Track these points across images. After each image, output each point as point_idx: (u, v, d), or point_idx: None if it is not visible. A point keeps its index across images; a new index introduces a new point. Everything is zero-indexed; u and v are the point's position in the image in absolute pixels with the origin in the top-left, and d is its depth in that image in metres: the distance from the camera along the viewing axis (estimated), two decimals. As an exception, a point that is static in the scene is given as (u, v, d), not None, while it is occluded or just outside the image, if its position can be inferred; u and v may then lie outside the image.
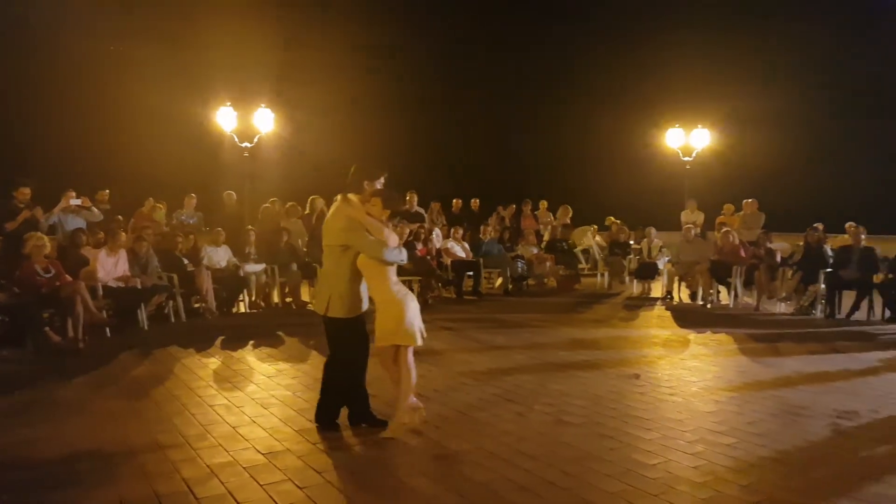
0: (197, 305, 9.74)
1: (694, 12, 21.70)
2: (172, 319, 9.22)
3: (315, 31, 20.08)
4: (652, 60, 21.91)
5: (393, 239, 4.53)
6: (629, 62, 22.47)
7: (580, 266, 14.00)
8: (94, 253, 8.59)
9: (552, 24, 24.47)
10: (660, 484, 3.78)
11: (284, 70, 18.36)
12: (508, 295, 12.16)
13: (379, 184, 4.68)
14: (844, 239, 10.82)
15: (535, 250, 13.46)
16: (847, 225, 10.53)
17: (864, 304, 9.73)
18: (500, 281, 12.85)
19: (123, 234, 9.07)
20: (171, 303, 9.23)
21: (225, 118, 14.19)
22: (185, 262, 9.65)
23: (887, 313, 9.58)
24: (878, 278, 9.88)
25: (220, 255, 10.09)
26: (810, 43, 20.73)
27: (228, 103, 14.21)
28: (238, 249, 10.43)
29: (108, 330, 8.14)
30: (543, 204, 16.01)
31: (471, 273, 11.99)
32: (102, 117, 17.28)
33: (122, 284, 8.48)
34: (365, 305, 4.77)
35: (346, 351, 4.72)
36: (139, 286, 8.60)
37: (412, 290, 11.59)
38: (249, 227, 11.09)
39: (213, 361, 6.87)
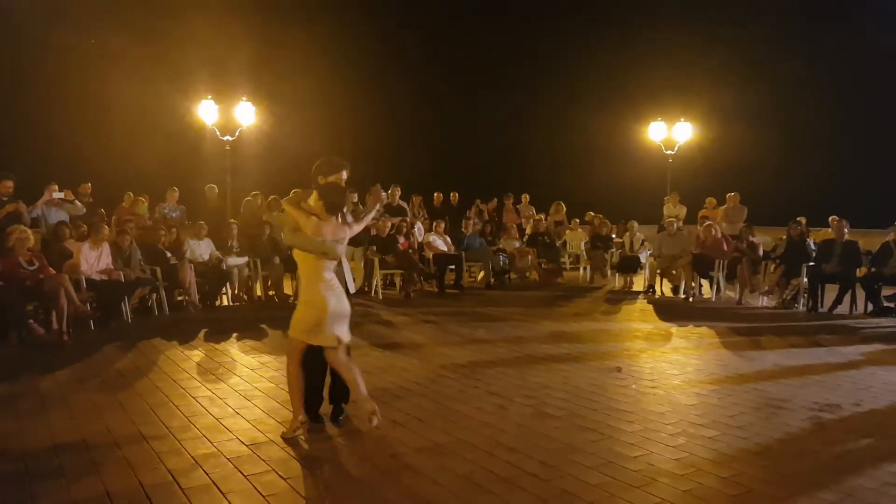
0: (180, 298, 9.68)
1: (675, 6, 21.80)
2: (156, 312, 9.17)
3: (296, 24, 19.95)
4: (634, 54, 22.02)
5: (327, 230, 4.32)
6: (612, 56, 22.56)
7: (562, 260, 14.05)
8: (78, 246, 8.52)
9: (534, 19, 24.49)
10: (641, 476, 3.82)
11: (266, 64, 18.27)
12: (490, 289, 12.19)
13: (335, 178, 4.53)
14: (827, 232, 10.98)
15: (517, 244, 13.50)
16: (830, 218, 10.67)
17: (847, 298, 9.86)
18: (481, 275, 12.88)
19: (106, 227, 9.00)
20: (154, 296, 9.17)
21: (206, 111, 14.10)
22: (168, 255, 9.59)
23: (869, 307, 9.72)
24: (860, 272, 10.01)
25: (202, 249, 10.04)
26: (792, 37, 20.92)
27: (210, 97, 14.12)
28: (220, 243, 10.38)
29: (91, 323, 8.07)
30: (525, 198, 16.06)
31: (452, 267, 12.01)
32: (84, 110, 17.10)
33: (105, 277, 8.40)
34: (352, 288, 4.75)
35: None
36: (122, 279, 8.53)
37: (394, 283, 11.66)
38: (232, 220, 11.03)
39: (197, 354, 6.83)
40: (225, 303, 10.22)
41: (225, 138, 14.33)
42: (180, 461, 3.99)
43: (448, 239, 12.42)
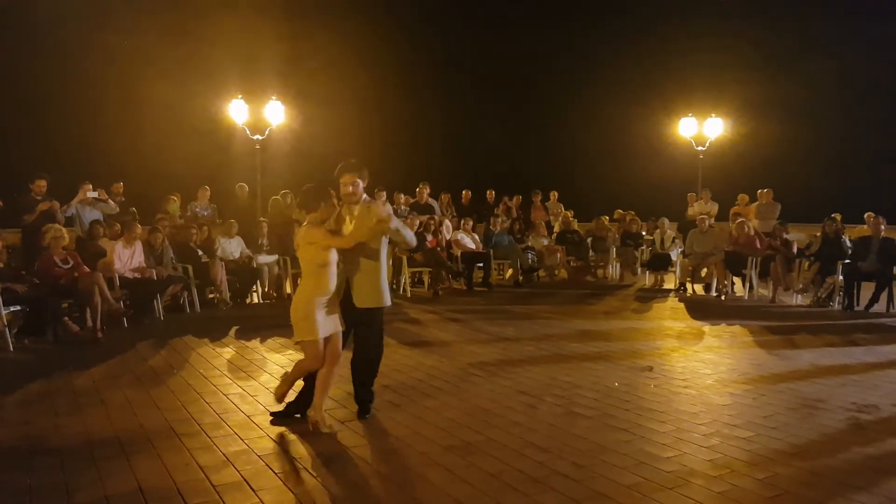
0: (211, 296, 9.82)
1: (706, 1, 21.46)
2: (187, 310, 9.30)
3: (325, 23, 20.07)
4: (664, 49, 21.73)
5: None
6: (641, 51, 22.27)
7: (593, 257, 13.91)
8: (111, 245, 8.68)
9: (564, 15, 24.28)
10: (674, 477, 3.76)
11: (295, 63, 18.41)
12: (518, 286, 12.13)
13: (354, 185, 4.67)
14: (863, 230, 10.70)
15: (546, 241, 13.41)
16: (866, 215, 10.40)
17: (883, 297, 9.61)
18: (510, 272, 12.82)
19: (139, 225, 9.14)
20: (185, 293, 9.30)
21: (236, 111, 14.25)
22: (200, 253, 9.73)
23: (906, 305, 9.48)
24: (898, 270, 9.75)
25: (233, 247, 10.16)
26: (826, 28, 20.45)
27: (240, 96, 14.26)
28: (251, 241, 10.49)
29: (125, 320, 8.23)
30: (554, 195, 15.93)
31: (481, 264, 11.98)
32: (116, 111, 17.43)
33: (138, 275, 8.55)
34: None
35: (381, 340, 4.91)
36: (155, 277, 8.66)
37: (423, 281, 11.66)
38: (262, 218, 11.14)
39: (228, 351, 6.92)
40: (255, 300, 10.33)
41: (255, 137, 14.47)
42: (212, 458, 4.04)
43: (476, 237, 12.39)
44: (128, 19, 17.66)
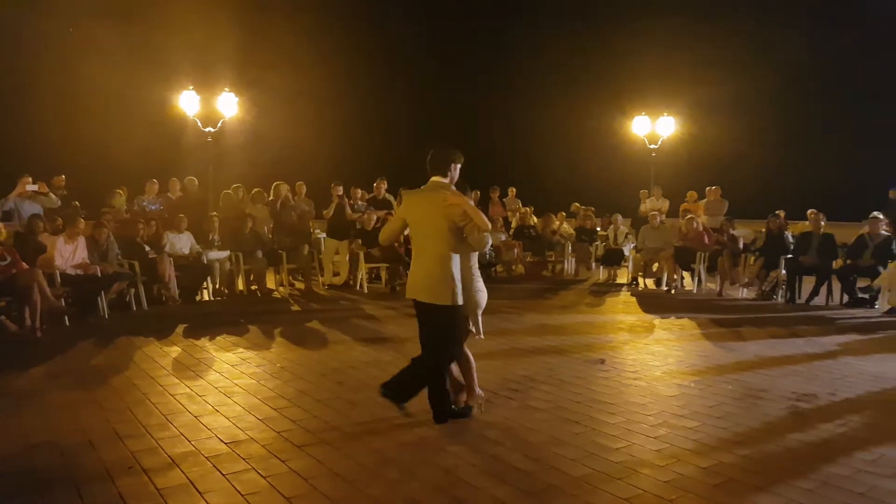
0: (159, 293, 9.56)
1: (660, 1, 21.87)
2: (134, 307, 9.05)
3: (282, 12, 19.75)
4: (619, 48, 22.06)
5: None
6: (598, 51, 22.59)
7: (548, 253, 14.05)
8: (52, 240, 8.37)
9: (520, 11, 24.43)
10: (623, 467, 3.83)
11: (249, 53, 18.06)
12: (476, 281, 12.14)
13: (457, 169, 4.58)
14: (805, 225, 11.08)
15: (503, 237, 13.48)
16: (808, 212, 10.77)
17: (823, 290, 9.99)
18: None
19: (82, 220, 8.84)
20: (132, 290, 9.04)
21: (187, 102, 13.90)
22: (147, 249, 9.47)
23: (845, 298, 9.85)
24: (836, 264, 10.14)
25: (182, 242, 9.93)
26: (773, 32, 21.07)
27: (191, 87, 13.92)
28: (201, 236, 10.26)
29: (66, 318, 7.95)
30: (512, 191, 16.05)
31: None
32: (59, 100, 16.81)
33: (80, 272, 8.27)
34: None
35: (453, 340, 4.49)
36: (99, 274, 8.40)
37: (380, 277, 11.60)
38: (213, 213, 10.91)
39: (175, 350, 6.75)
40: (206, 298, 10.11)
41: (207, 129, 14.15)
42: (157, 460, 3.93)
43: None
44: (73, 5, 17.00)
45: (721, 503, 3.41)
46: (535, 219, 14.17)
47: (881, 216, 10.22)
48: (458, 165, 4.57)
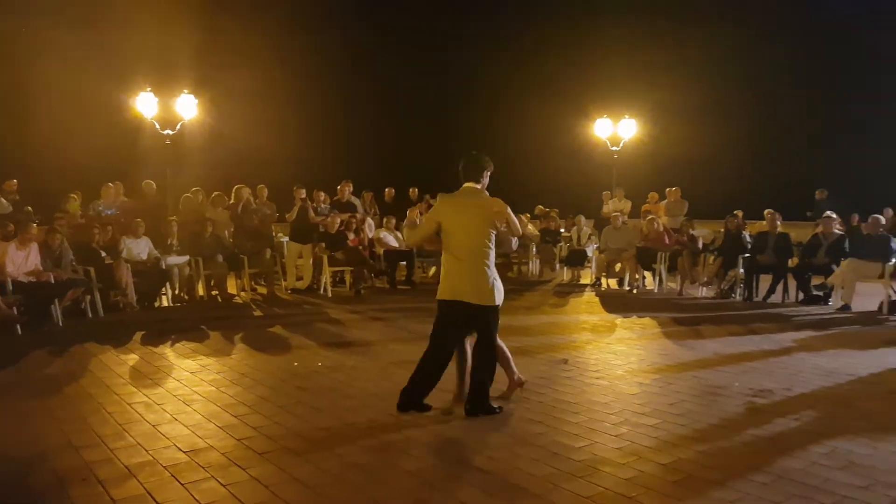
0: (116, 300, 9.34)
1: (622, 5, 22.20)
2: (89, 315, 8.83)
3: (241, 13, 19.50)
4: (581, 52, 22.33)
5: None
6: (559, 53, 22.82)
7: (512, 254, 14.13)
8: (3, 246, 8.10)
9: (482, 14, 24.56)
10: (585, 466, 3.86)
11: (209, 54, 17.79)
12: (442, 284, 12.15)
13: (488, 175, 4.83)
14: (762, 225, 11.35)
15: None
16: (765, 212, 11.03)
17: (780, 288, 10.24)
18: (433, 270, 12.85)
19: (35, 226, 8.59)
20: (87, 297, 8.82)
21: (145, 104, 13.64)
22: (103, 254, 9.25)
23: (800, 296, 10.12)
24: (792, 263, 10.41)
25: (140, 247, 9.73)
26: (730, 36, 21.57)
27: (149, 88, 13.66)
28: (160, 241, 10.06)
29: (18, 327, 7.71)
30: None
31: (404, 262, 11.95)
32: (10, 102, 16.29)
33: (33, 279, 8.04)
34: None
35: (496, 337, 4.74)
36: (52, 280, 8.17)
37: (345, 280, 11.52)
38: (172, 217, 10.72)
39: (133, 358, 6.60)
40: (165, 304, 9.91)
41: (165, 132, 13.89)
42: (112, 471, 3.83)
43: (400, 235, 12.35)
44: (27, 3, 16.52)
45: (680, 499, 3.46)
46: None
47: (834, 216, 10.53)
48: (489, 172, 4.84)
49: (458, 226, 4.67)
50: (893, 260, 9.67)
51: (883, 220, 10.59)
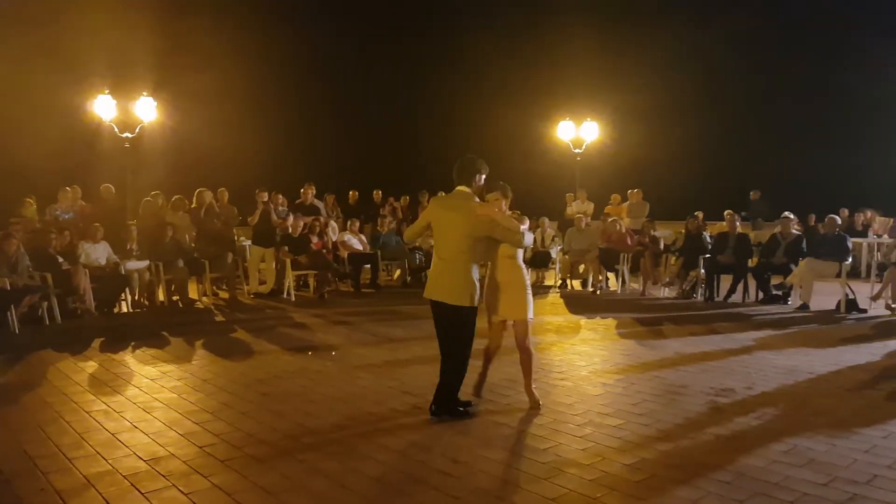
0: (74, 306, 9.10)
1: (582, 8, 22.44)
2: (46, 322, 8.58)
3: (200, 16, 19.19)
4: (544, 54, 22.53)
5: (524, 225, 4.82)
6: (522, 56, 22.99)
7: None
8: (-46, 253, 7.85)
9: (445, 16, 24.61)
10: (550, 467, 3.88)
11: (168, 56, 17.46)
12: (407, 287, 12.16)
13: (482, 178, 4.89)
14: (722, 226, 11.59)
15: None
16: (725, 213, 11.27)
17: (740, 287, 10.46)
18: (398, 273, 12.83)
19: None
20: (44, 304, 8.57)
21: (103, 107, 13.36)
22: (60, 260, 9.01)
23: (760, 295, 10.35)
24: (752, 262, 10.65)
25: (98, 252, 9.49)
26: (689, 40, 21.97)
27: (107, 91, 13.38)
28: (119, 246, 9.84)
29: (-30, 335, 7.47)
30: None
31: (369, 265, 11.90)
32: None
33: (-14, 286, 7.79)
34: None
35: (470, 339, 4.79)
36: (8, 287, 7.93)
37: (308, 284, 11.42)
38: (131, 221, 10.50)
39: (91, 365, 6.43)
40: (124, 310, 9.69)
41: (124, 135, 13.61)
42: (70, 481, 3.73)
43: (363, 238, 12.30)
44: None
45: (643, 499, 3.51)
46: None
47: (792, 216, 10.80)
48: (484, 175, 4.91)
49: (444, 226, 4.79)
50: (850, 259, 9.98)
51: (839, 220, 10.93)
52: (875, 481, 3.68)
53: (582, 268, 12.16)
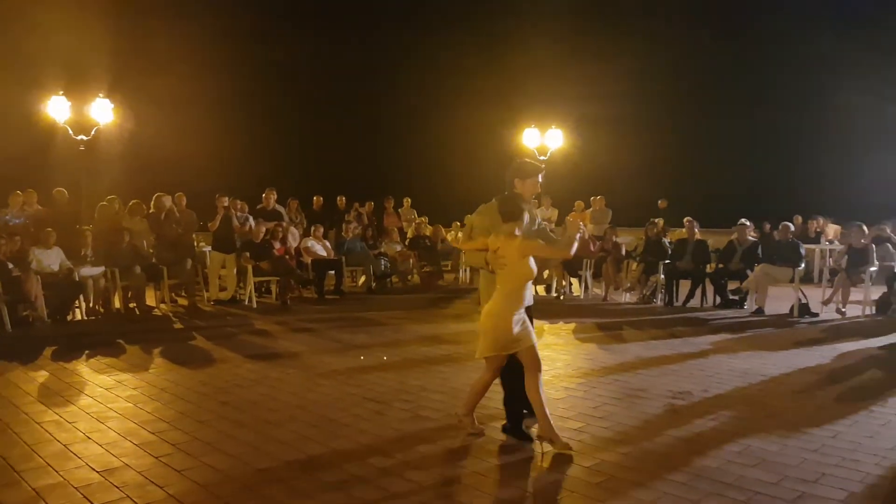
0: (25, 314, 8.81)
1: (549, 17, 22.75)
2: (-5, 330, 8.31)
3: (158, 18, 18.89)
4: (509, 62, 22.76)
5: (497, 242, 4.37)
6: (491, 64, 23.20)
7: (443, 262, 14.19)
8: None
9: (410, 22, 24.68)
10: (511, 470, 3.90)
11: (126, 58, 17.15)
12: (371, 293, 12.11)
13: (524, 184, 4.61)
14: (681, 233, 11.83)
15: (399, 247, 13.50)
16: (684, 220, 11.50)
17: (698, 292, 10.68)
18: (363, 279, 12.76)
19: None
20: (-7, 312, 8.30)
21: (57, 108, 13.02)
22: (10, 266, 8.72)
23: (717, 300, 10.57)
24: (709, 268, 10.88)
25: (51, 258, 9.22)
26: (651, 52, 22.44)
27: (61, 92, 13.05)
28: (72, 251, 9.58)
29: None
30: (407, 201, 16.13)
31: (333, 272, 11.82)
32: None
33: (-69, 293, 7.50)
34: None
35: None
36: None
37: (271, 291, 11.28)
38: (85, 227, 10.25)
39: (42, 374, 6.24)
40: (78, 317, 9.43)
41: (79, 137, 13.27)
42: (18, 495, 3.61)
43: (328, 244, 12.20)
44: None
45: (602, 500, 3.54)
46: (430, 229, 14.29)
47: (748, 223, 11.07)
48: (519, 179, 4.71)
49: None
50: (803, 265, 10.26)
51: (792, 227, 11.24)
52: (823, 479, 3.78)
53: (546, 273, 12.25)
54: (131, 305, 9.95)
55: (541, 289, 12.29)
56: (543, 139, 18.06)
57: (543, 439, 4.18)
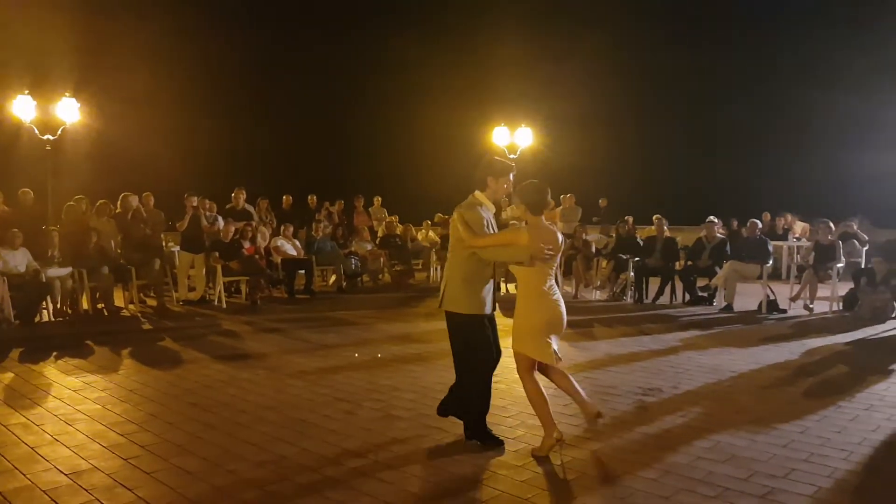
0: (-10, 316, 8.63)
1: (517, 15, 22.84)
2: (-43, 333, 8.12)
3: (125, 17, 18.57)
4: (478, 60, 22.82)
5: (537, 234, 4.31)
6: (461, 62, 23.21)
7: (414, 261, 14.20)
8: None
9: (377, 20, 24.61)
10: (481, 469, 3.93)
11: (92, 57, 16.83)
12: (342, 292, 12.07)
13: (498, 181, 4.58)
14: (651, 230, 11.98)
15: (369, 246, 13.47)
16: (654, 217, 11.66)
17: (667, 289, 10.83)
18: (333, 278, 12.71)
19: None
20: (-45, 314, 8.10)
21: (22, 108, 12.76)
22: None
23: (686, 297, 10.73)
24: (679, 265, 11.04)
25: (17, 260, 9.03)
26: (620, 49, 22.67)
27: (26, 91, 12.79)
28: (39, 252, 9.40)
29: None
30: (378, 200, 16.09)
31: (303, 271, 11.75)
32: None
33: None
34: (488, 308, 4.54)
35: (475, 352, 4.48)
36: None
37: (241, 290, 11.17)
38: (52, 227, 10.05)
39: (8, 376, 6.12)
40: (45, 318, 9.25)
41: (45, 137, 13.01)
42: (-18, 500, 3.55)
43: (297, 243, 12.13)
44: None
45: (574, 498, 3.59)
46: (400, 227, 14.28)
47: (716, 220, 11.25)
48: (497, 178, 4.67)
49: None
50: (771, 262, 10.47)
51: (760, 224, 11.46)
52: (792, 475, 3.86)
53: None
54: (99, 306, 9.80)
55: (512, 287, 12.35)
56: (513, 137, 18.13)
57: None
